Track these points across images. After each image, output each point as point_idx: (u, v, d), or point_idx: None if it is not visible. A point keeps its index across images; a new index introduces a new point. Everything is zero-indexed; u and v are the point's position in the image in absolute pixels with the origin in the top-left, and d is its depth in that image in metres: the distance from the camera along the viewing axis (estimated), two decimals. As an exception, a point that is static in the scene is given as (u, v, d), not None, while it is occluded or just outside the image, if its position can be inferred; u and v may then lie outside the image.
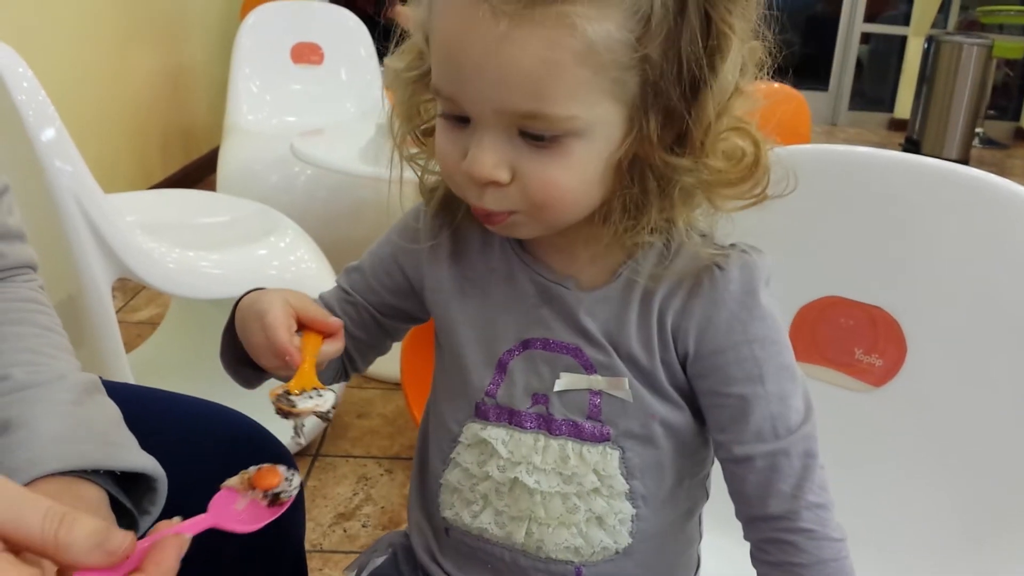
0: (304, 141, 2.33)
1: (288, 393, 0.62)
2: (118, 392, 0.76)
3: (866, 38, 7.07)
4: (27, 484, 0.62)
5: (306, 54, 3.28)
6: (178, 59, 3.98)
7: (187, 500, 0.73)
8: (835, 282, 0.98)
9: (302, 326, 0.68)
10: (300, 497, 0.90)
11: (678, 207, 0.63)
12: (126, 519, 0.68)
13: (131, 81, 3.46)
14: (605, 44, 0.56)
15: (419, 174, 0.73)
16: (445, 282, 0.73)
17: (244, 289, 0.72)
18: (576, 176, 0.61)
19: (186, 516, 0.54)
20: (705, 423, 0.70)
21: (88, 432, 0.67)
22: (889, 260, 0.97)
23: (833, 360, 0.98)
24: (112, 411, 0.73)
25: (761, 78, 0.63)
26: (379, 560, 0.80)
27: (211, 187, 3.03)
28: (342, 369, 0.81)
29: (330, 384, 0.71)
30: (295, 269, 1.77)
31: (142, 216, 1.73)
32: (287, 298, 0.68)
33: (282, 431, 0.95)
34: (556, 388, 0.68)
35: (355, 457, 1.95)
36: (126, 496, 0.67)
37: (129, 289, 2.75)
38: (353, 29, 3.34)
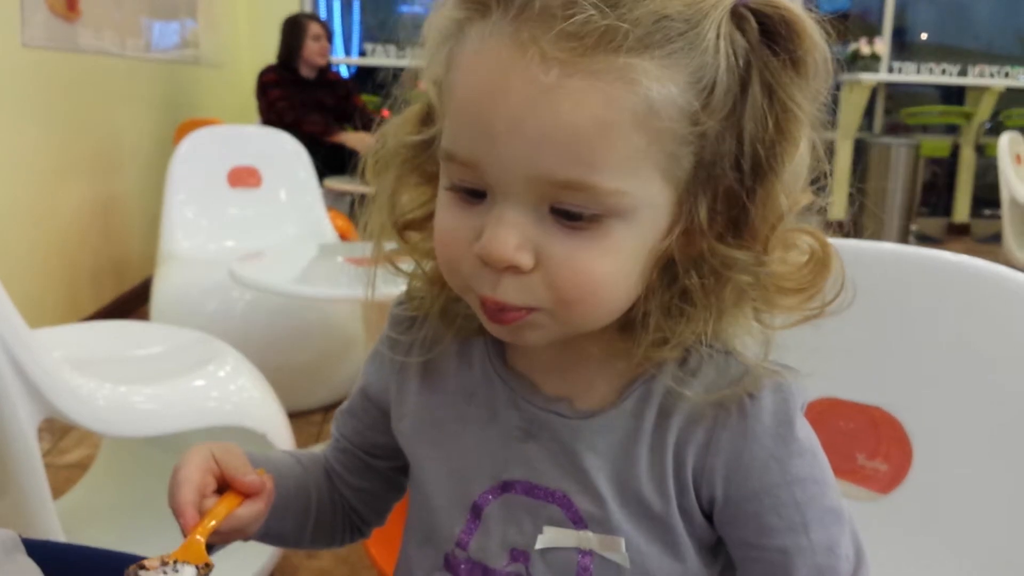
0: (243, 265, 2.26)
1: (141, 567, 0.53)
2: (40, 550, 0.70)
3: (794, 144, 7.32)
4: None
5: (243, 177, 3.23)
6: (110, 190, 3.90)
7: None
8: (829, 383, 0.91)
9: (226, 485, 0.59)
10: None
11: (727, 313, 0.53)
12: None
13: (61, 214, 3.37)
14: (666, 109, 0.48)
15: (406, 277, 0.63)
16: (413, 407, 0.62)
17: (181, 425, 0.65)
18: (615, 266, 0.50)
19: None
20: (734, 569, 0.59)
21: None
22: (881, 356, 0.91)
23: (835, 467, 0.89)
24: (33, 573, 0.67)
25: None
26: None
27: (144, 318, 2.91)
28: (349, 526, 0.70)
29: (342, 542, 0.68)
30: (236, 399, 1.66)
31: (71, 351, 1.62)
32: (213, 452, 0.59)
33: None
34: (538, 546, 0.56)
35: (307, 601, 1.80)
36: None
37: (57, 429, 2.59)
38: (291, 151, 3.31)
